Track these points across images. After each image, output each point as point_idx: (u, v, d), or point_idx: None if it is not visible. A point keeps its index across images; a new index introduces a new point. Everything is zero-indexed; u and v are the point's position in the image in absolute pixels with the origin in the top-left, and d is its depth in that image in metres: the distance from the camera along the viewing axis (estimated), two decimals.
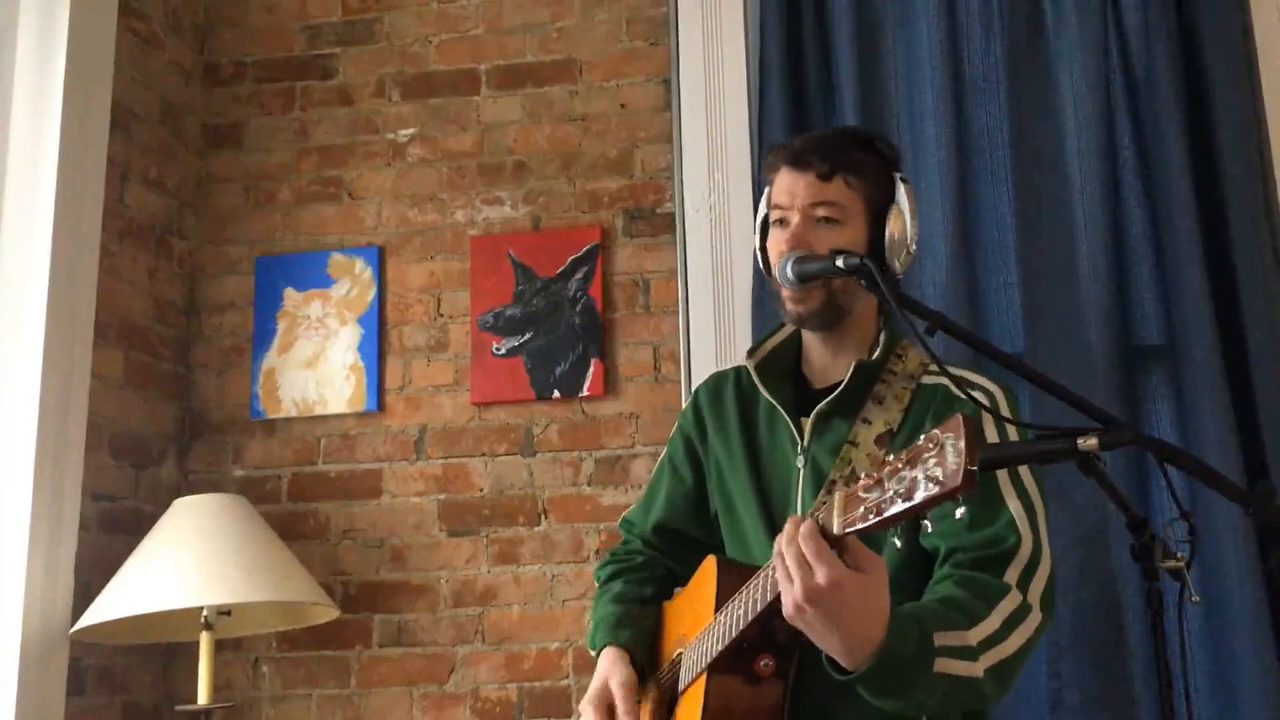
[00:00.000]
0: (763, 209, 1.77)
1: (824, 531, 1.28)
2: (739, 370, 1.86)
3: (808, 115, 2.78)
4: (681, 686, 1.60)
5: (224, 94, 3.11)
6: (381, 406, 2.89)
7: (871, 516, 1.19)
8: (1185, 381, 2.53)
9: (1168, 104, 2.60)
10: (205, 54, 3.13)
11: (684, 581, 1.89)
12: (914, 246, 1.69)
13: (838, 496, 1.27)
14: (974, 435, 1.10)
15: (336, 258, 2.97)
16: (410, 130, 3.02)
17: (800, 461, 1.69)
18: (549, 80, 2.99)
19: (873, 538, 1.36)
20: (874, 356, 1.68)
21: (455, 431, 2.86)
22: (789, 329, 1.81)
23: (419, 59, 3.05)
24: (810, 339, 1.77)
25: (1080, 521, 2.46)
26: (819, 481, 1.65)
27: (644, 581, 1.87)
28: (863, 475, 1.23)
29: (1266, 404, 2.45)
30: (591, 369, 2.80)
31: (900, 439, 1.62)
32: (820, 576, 1.26)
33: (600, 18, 2.99)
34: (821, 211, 1.66)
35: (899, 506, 1.15)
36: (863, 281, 1.52)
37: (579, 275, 2.85)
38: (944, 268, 2.64)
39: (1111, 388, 2.52)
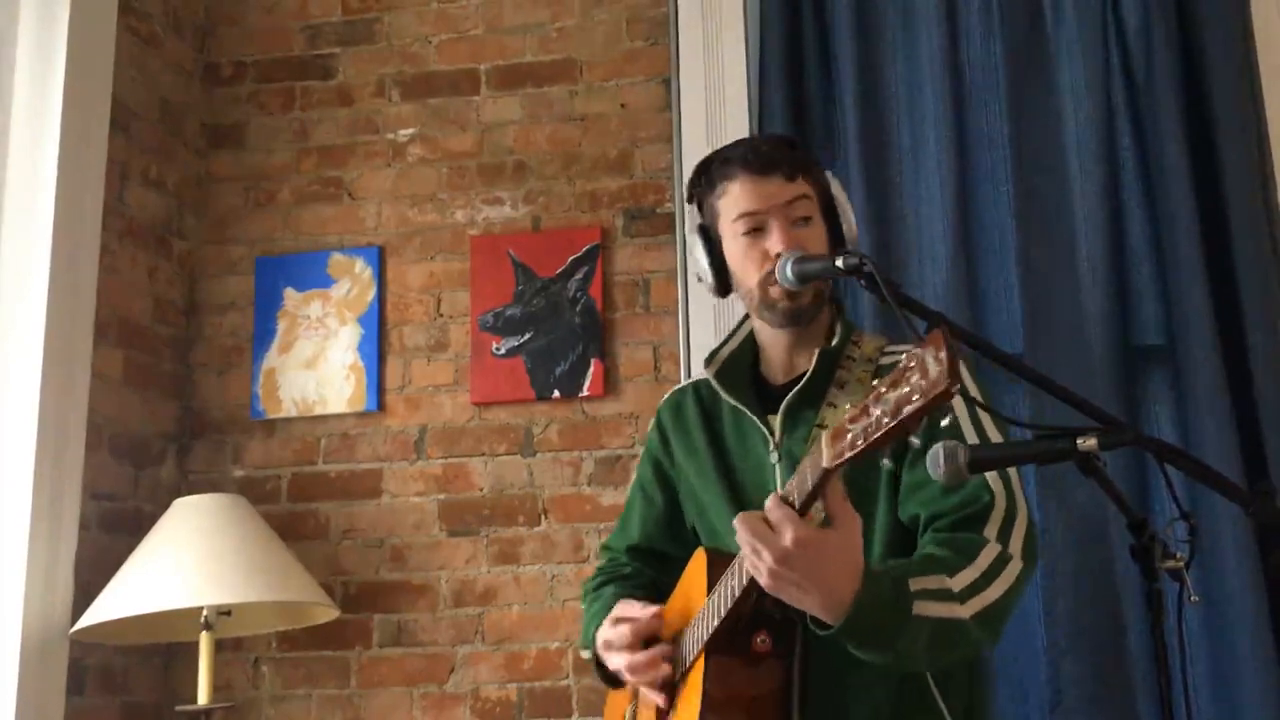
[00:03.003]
0: (695, 219, 1.77)
1: (787, 498, 1.35)
2: (696, 384, 1.88)
3: (808, 115, 2.78)
4: (683, 669, 1.61)
5: (224, 94, 3.11)
6: (381, 406, 2.89)
7: (859, 442, 1.22)
8: (1185, 382, 2.53)
9: (1168, 104, 2.60)
10: (205, 54, 3.13)
11: (666, 594, 1.90)
12: (854, 232, 1.75)
13: (824, 435, 1.30)
14: (951, 342, 1.13)
15: (336, 258, 2.97)
16: (410, 130, 3.02)
17: (775, 458, 1.70)
18: (549, 80, 2.99)
19: (863, 516, 1.41)
20: (834, 344, 1.71)
21: (455, 431, 2.86)
22: (742, 335, 1.83)
23: (419, 59, 3.05)
24: (772, 339, 1.77)
25: (1080, 521, 2.46)
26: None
27: (635, 587, 1.87)
28: (847, 408, 1.27)
29: (1266, 404, 2.45)
30: (591, 369, 2.80)
31: None
32: (787, 539, 1.32)
33: (600, 18, 2.99)
34: (800, 210, 1.69)
35: (887, 424, 1.19)
36: (862, 281, 1.52)
37: (579, 275, 2.85)
38: (944, 268, 2.64)
39: (1111, 388, 2.52)
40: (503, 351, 2.85)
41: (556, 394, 2.81)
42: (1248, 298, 2.50)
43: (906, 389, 1.17)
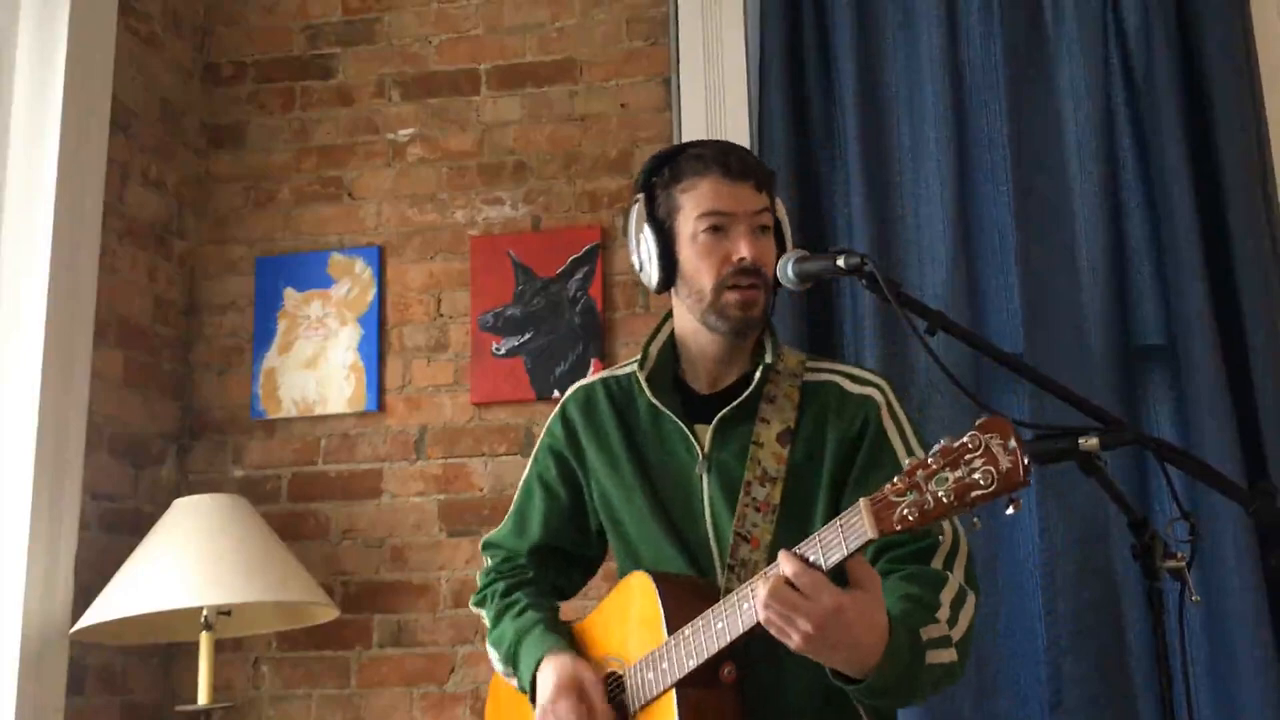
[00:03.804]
0: (643, 210, 1.72)
1: (813, 561, 1.37)
2: (606, 381, 1.82)
3: (808, 115, 2.78)
4: (638, 704, 1.58)
5: (224, 94, 3.11)
6: (381, 406, 2.89)
7: (913, 517, 1.27)
8: (1185, 382, 2.53)
9: (1168, 104, 2.60)
10: (205, 54, 3.13)
11: (568, 596, 1.88)
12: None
13: (863, 505, 1.32)
14: (1019, 434, 1.19)
15: (336, 258, 2.97)
16: (410, 130, 3.02)
17: (702, 468, 1.68)
18: (549, 80, 2.99)
19: (802, 537, 1.42)
20: (769, 359, 1.70)
21: (455, 431, 2.86)
22: (664, 335, 1.78)
23: (419, 59, 3.05)
24: (705, 346, 1.72)
25: (1080, 521, 2.46)
26: (730, 485, 1.66)
27: (543, 594, 1.82)
28: (893, 480, 1.30)
29: (1266, 404, 2.45)
30: (591, 369, 2.80)
31: (801, 438, 1.66)
32: (825, 604, 1.34)
33: (600, 18, 2.99)
34: (764, 220, 1.68)
35: (948, 504, 1.24)
36: (863, 281, 1.52)
37: (579, 275, 2.85)
38: (944, 268, 2.64)
39: (1111, 388, 2.52)
40: (503, 351, 2.85)
41: (556, 394, 2.81)
42: (1248, 298, 2.50)
43: (973, 474, 1.22)
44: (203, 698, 2.40)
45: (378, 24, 3.09)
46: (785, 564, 1.37)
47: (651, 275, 1.71)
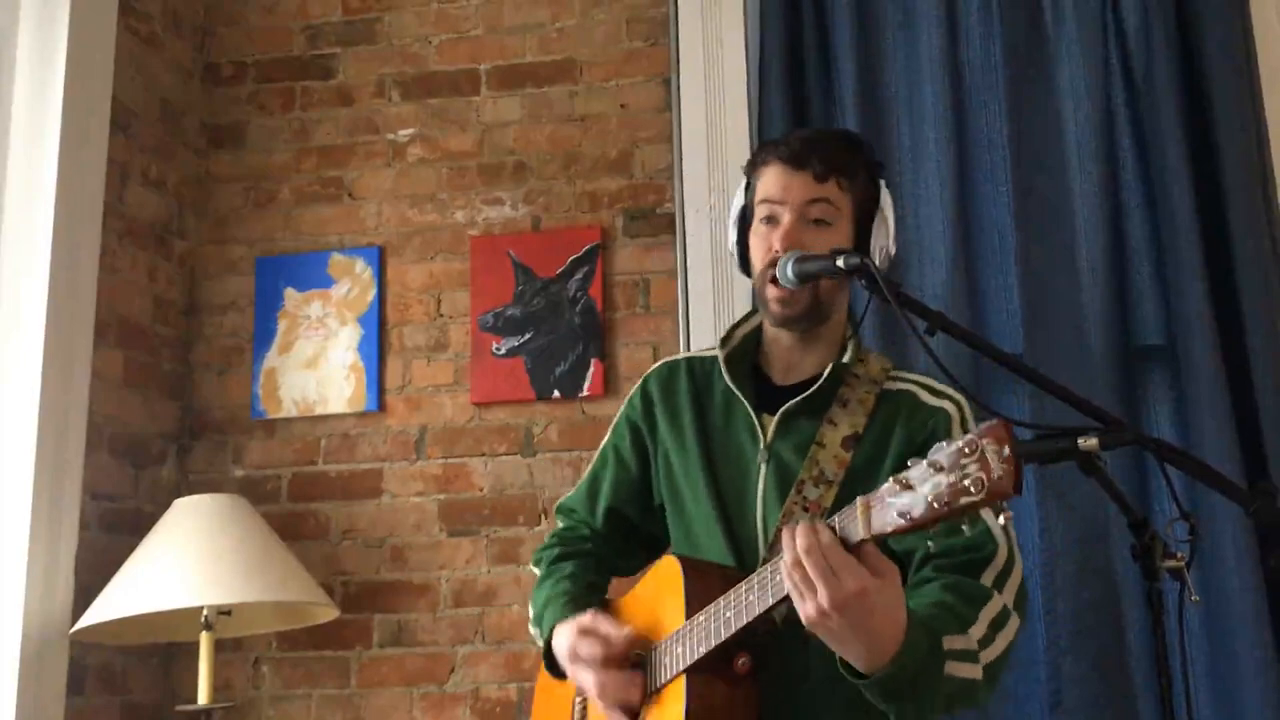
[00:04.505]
0: (740, 199, 1.75)
1: (844, 541, 1.30)
2: (690, 360, 1.84)
3: (808, 115, 2.78)
4: (653, 687, 1.58)
5: (224, 94, 3.11)
6: (381, 406, 2.89)
7: (903, 523, 1.21)
8: (1185, 382, 2.53)
9: (1168, 104, 2.60)
10: (205, 54, 3.13)
11: (628, 573, 1.88)
12: (894, 250, 1.73)
13: (859, 503, 1.28)
14: (1016, 442, 1.13)
15: (336, 258, 2.97)
16: (410, 130, 3.02)
17: (762, 458, 1.67)
18: (549, 80, 2.99)
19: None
20: (845, 359, 1.68)
21: (455, 431, 2.86)
22: (756, 319, 1.79)
23: (419, 59, 3.05)
24: (780, 336, 1.74)
25: (1080, 521, 2.46)
26: (785, 480, 1.64)
27: (592, 569, 1.82)
28: (888, 481, 1.25)
29: (1266, 404, 2.45)
30: (591, 369, 2.80)
31: (867, 443, 1.63)
32: (850, 584, 1.28)
33: (600, 18, 2.99)
34: (815, 212, 1.65)
35: (937, 511, 1.18)
36: (863, 282, 1.52)
37: (579, 275, 2.85)
38: (944, 268, 2.64)
39: (1111, 388, 2.52)
40: (503, 351, 2.85)
41: (556, 394, 2.81)
42: (1248, 298, 2.50)
43: (964, 480, 1.16)
44: (203, 698, 2.40)
45: (378, 24, 3.09)
46: (822, 532, 1.31)
47: (738, 262, 1.76)
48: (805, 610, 1.31)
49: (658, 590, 1.65)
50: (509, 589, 2.76)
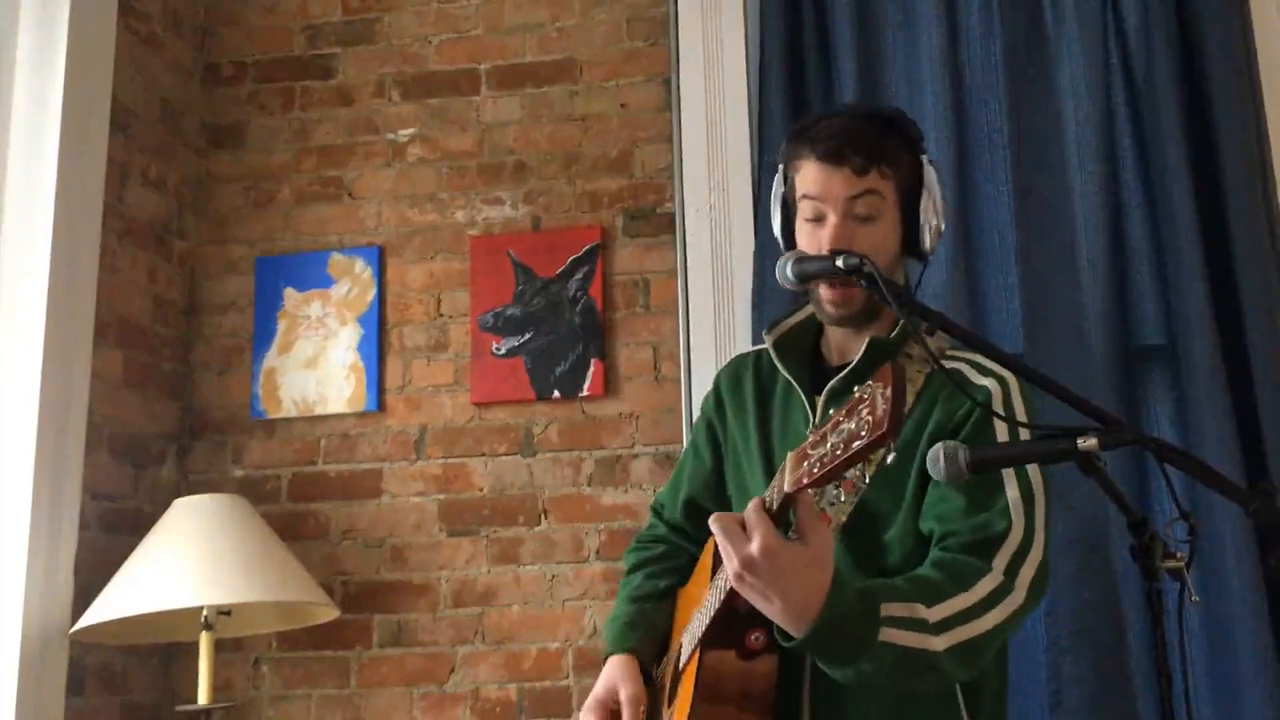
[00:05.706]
0: (779, 185, 1.72)
1: (766, 504, 1.34)
2: (760, 353, 1.84)
3: (808, 115, 2.77)
4: (681, 665, 1.61)
5: (224, 94, 3.11)
6: (381, 406, 2.89)
7: (816, 470, 1.24)
8: (1185, 382, 2.53)
9: (1168, 104, 2.60)
10: (205, 54, 3.13)
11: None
12: (943, 225, 1.71)
13: (790, 456, 1.31)
14: (899, 381, 1.14)
15: (336, 258, 2.97)
16: (410, 130, 3.02)
17: None
18: (549, 80, 2.99)
19: (884, 520, 1.52)
20: (890, 335, 1.64)
21: (455, 431, 2.86)
22: (809, 309, 1.76)
23: (419, 59, 3.05)
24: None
25: (1080, 521, 2.46)
26: None
27: (661, 574, 1.85)
28: (809, 433, 1.28)
29: (1266, 404, 2.45)
30: (591, 369, 2.80)
31: (910, 421, 1.61)
32: (754, 545, 1.32)
33: (600, 18, 2.99)
34: (861, 208, 1.62)
35: (840, 457, 1.20)
36: (862, 282, 1.52)
37: (579, 275, 2.85)
38: (944, 268, 2.64)
39: (1111, 388, 2.52)
40: (503, 351, 2.85)
41: (556, 394, 2.81)
42: (1248, 297, 2.50)
43: (857, 424, 1.18)
44: (203, 698, 2.40)
45: (378, 24, 3.09)
46: (749, 504, 1.36)
47: (781, 245, 1.74)
48: (727, 572, 1.36)
49: (702, 570, 1.70)
50: (509, 589, 2.76)
